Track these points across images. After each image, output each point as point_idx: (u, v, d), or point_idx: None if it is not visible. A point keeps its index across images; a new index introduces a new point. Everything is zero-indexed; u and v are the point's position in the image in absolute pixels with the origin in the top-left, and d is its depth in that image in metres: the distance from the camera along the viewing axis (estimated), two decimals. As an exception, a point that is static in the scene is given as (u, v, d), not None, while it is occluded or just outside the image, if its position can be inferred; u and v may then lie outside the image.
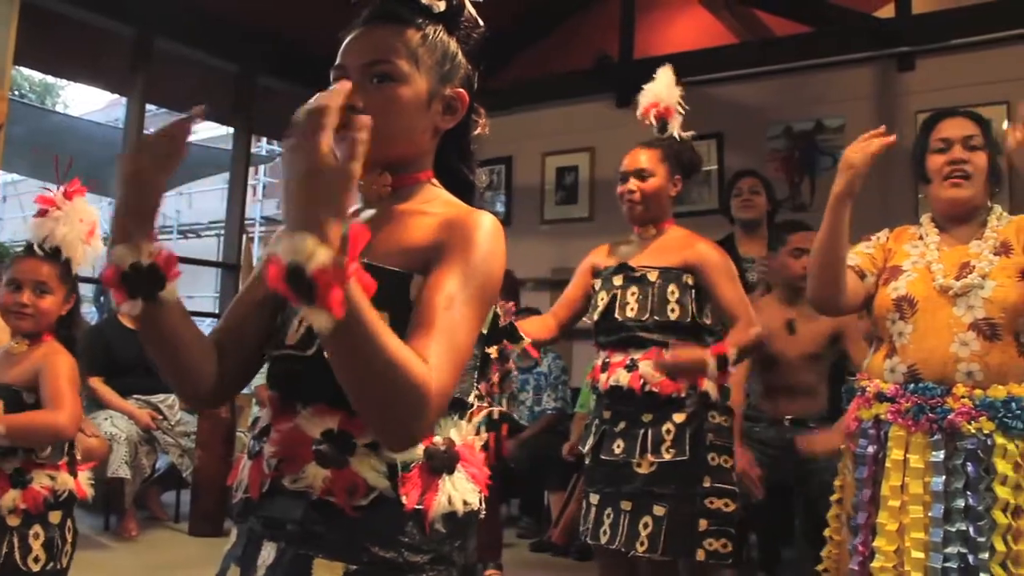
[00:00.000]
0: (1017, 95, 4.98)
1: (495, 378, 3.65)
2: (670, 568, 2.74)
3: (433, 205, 1.27)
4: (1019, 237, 2.22)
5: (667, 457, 2.62)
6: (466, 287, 1.14)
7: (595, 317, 2.81)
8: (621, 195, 2.84)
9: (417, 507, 1.16)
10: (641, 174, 2.80)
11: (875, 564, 2.13)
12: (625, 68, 6.02)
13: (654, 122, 2.91)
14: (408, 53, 1.25)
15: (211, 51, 6.03)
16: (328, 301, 0.90)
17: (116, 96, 10.72)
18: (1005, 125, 5.08)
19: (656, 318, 2.69)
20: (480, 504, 1.26)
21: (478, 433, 1.32)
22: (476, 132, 1.39)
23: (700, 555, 2.59)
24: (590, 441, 2.80)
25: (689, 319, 2.70)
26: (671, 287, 2.71)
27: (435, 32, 1.29)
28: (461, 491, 1.21)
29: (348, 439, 1.16)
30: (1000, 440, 2.04)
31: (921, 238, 2.34)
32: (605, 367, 2.77)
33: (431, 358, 1.05)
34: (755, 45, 6.35)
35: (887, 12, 5.62)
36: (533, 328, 2.77)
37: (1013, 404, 2.04)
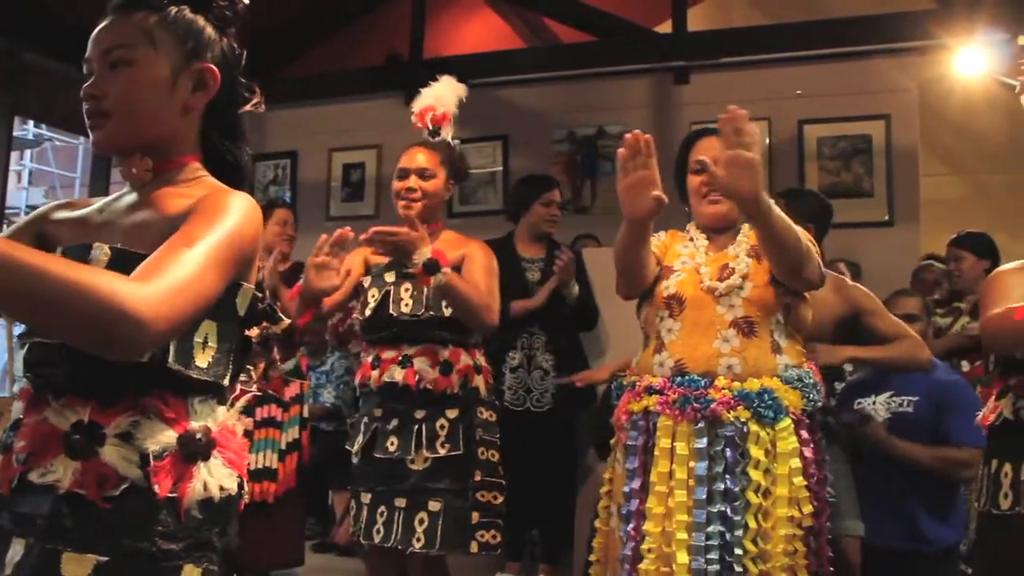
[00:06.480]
0: (777, 112, 5.42)
1: (261, 367, 3.53)
2: (440, 563, 2.77)
3: (194, 187, 1.28)
4: None
5: (442, 452, 2.64)
6: (207, 236, 1.14)
7: (366, 313, 2.77)
8: (398, 192, 2.79)
9: (171, 495, 1.16)
10: (423, 173, 2.78)
11: (644, 546, 2.24)
12: (414, 67, 6.04)
13: (429, 126, 2.90)
14: (143, 35, 1.26)
15: (-33, 23, 5.55)
16: None
17: None
18: (767, 141, 5.49)
19: (432, 313, 2.68)
20: (240, 489, 1.27)
21: (242, 417, 1.32)
22: (245, 108, 1.40)
23: (473, 547, 2.64)
24: (360, 440, 2.77)
25: None
26: None
27: (176, 11, 1.29)
28: (217, 477, 1.22)
29: (98, 429, 1.15)
30: (754, 428, 2.21)
31: (692, 240, 2.49)
32: (376, 364, 2.74)
33: (148, 278, 1.04)
34: (542, 51, 6.55)
35: (666, 28, 5.94)
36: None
37: (766, 395, 2.22)
